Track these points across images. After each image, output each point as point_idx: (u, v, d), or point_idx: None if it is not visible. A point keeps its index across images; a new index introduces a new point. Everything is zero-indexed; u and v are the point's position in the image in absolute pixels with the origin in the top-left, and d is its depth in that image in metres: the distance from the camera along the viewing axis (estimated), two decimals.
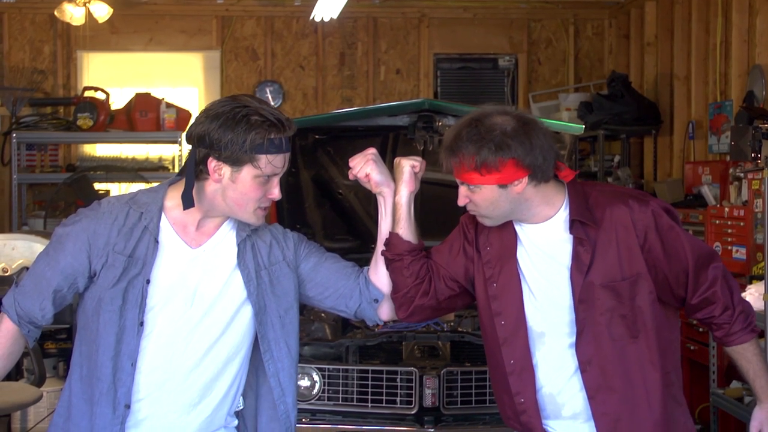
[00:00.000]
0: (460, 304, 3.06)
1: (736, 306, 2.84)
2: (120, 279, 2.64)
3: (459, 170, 2.76)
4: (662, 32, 8.33)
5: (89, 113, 8.38)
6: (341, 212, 5.55)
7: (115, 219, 2.68)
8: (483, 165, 2.69)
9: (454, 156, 2.74)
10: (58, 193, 8.27)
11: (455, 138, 2.74)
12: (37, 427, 6.01)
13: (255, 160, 2.61)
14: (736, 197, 6.19)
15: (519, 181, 2.72)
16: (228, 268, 2.76)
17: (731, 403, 5.14)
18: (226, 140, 2.59)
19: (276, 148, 2.63)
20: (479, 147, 2.68)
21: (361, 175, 2.92)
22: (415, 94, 9.31)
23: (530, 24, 9.51)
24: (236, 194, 2.65)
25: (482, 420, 4.56)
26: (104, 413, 2.65)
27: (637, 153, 8.81)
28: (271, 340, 2.80)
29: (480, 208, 2.79)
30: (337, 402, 4.60)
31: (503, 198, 2.75)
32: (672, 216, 2.82)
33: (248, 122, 2.59)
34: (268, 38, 9.32)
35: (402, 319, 3.02)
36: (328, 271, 2.92)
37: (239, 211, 2.69)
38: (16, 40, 9.09)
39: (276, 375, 2.81)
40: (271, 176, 2.66)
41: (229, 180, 2.64)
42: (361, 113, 5.29)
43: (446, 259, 2.98)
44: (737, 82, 6.90)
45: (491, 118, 2.72)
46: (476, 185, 2.74)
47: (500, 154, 2.68)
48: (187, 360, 2.70)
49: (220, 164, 2.62)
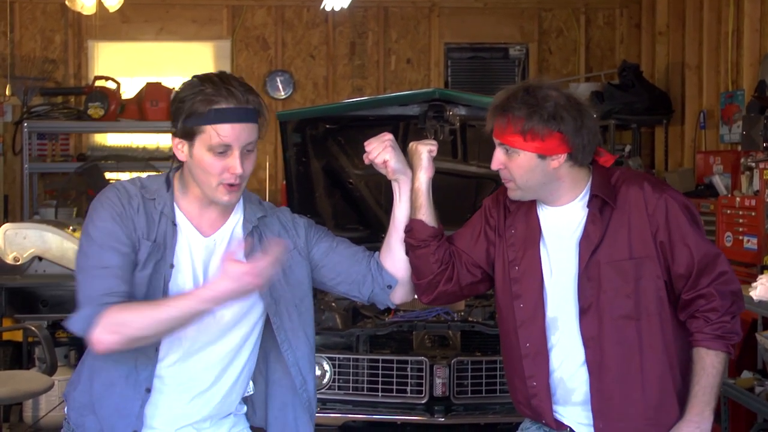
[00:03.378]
0: (482, 289, 3.06)
1: (726, 314, 2.75)
2: (145, 265, 2.62)
3: (503, 131, 2.75)
4: (674, 21, 8.30)
5: (100, 103, 8.40)
6: (352, 201, 5.55)
7: (138, 204, 2.65)
8: (530, 131, 2.69)
9: (503, 115, 2.74)
10: (69, 182, 8.29)
11: (508, 98, 2.74)
12: (48, 415, 6.02)
13: (202, 132, 2.57)
14: (748, 187, 6.17)
15: (558, 157, 2.73)
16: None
17: (742, 393, 5.13)
18: (179, 113, 2.58)
19: (221, 117, 2.56)
20: (531, 112, 2.69)
21: (379, 161, 2.89)
22: (426, 83, 9.29)
23: (541, 13, 9.48)
24: (197, 170, 2.62)
25: (492, 409, 4.57)
26: (125, 394, 2.65)
27: (648, 142, 8.79)
28: (288, 330, 2.79)
29: (514, 175, 2.78)
30: (348, 391, 4.61)
31: (539, 169, 2.75)
32: (687, 211, 2.78)
33: (194, 94, 2.57)
34: (278, 28, 9.31)
35: (424, 303, 3.04)
36: (339, 257, 2.91)
37: (205, 189, 2.64)
38: (27, 29, 9.10)
39: (296, 364, 2.81)
40: (227, 149, 2.59)
41: (188, 156, 2.62)
42: (372, 103, 5.29)
43: (468, 244, 2.98)
44: (749, 71, 6.88)
45: (547, 90, 2.73)
46: (516, 150, 2.73)
47: (550, 125, 2.69)
48: (200, 346, 2.70)
49: (181, 141, 2.62)
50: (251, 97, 2.62)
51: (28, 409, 6.13)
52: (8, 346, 6.34)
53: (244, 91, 2.61)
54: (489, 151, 2.88)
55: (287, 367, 2.81)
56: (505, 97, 2.76)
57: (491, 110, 2.79)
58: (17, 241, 6.32)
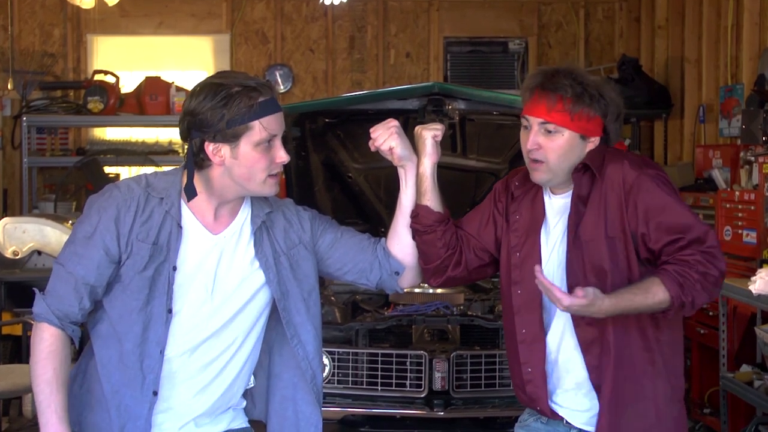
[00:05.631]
0: (489, 272, 3.08)
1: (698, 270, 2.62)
2: (146, 267, 2.62)
3: (550, 108, 2.75)
4: (673, 15, 8.29)
5: (99, 97, 8.39)
6: (351, 195, 5.56)
7: (137, 206, 2.64)
8: (579, 111, 2.73)
9: (552, 93, 2.74)
10: (68, 176, 8.30)
11: (553, 78, 2.75)
12: None
13: (249, 129, 2.59)
14: (747, 181, 6.17)
15: (595, 139, 2.78)
16: (247, 257, 2.75)
17: (741, 386, 5.14)
18: (215, 119, 2.57)
19: (265, 110, 2.61)
20: (581, 93, 2.73)
21: (385, 147, 2.90)
22: (425, 77, 9.28)
23: (540, 7, 9.47)
24: (242, 169, 2.63)
25: (492, 403, 4.58)
26: (134, 396, 2.65)
27: (648, 136, 8.78)
28: (297, 325, 2.80)
29: (549, 155, 2.78)
30: (347, 385, 4.61)
31: (577, 150, 2.77)
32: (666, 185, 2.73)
33: (230, 95, 2.58)
34: (277, 21, 9.30)
35: (432, 286, 3.06)
36: (345, 247, 2.92)
37: (250, 185, 2.66)
38: (26, 23, 9.09)
39: (306, 358, 2.81)
40: (272, 140, 2.64)
41: (231, 158, 2.62)
42: (371, 97, 5.28)
43: (477, 228, 3.00)
44: (748, 65, 6.87)
45: (588, 75, 2.78)
46: (561, 129, 2.75)
47: (595, 108, 2.74)
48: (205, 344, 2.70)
49: (218, 145, 2.61)
50: (273, 87, 2.68)
51: (28, 403, 6.15)
52: (8, 340, 6.36)
53: (266, 82, 2.67)
54: (488, 146, 2.89)
55: (298, 361, 2.81)
56: (548, 75, 2.77)
57: (531, 88, 2.79)
58: (16, 235, 6.32)
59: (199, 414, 2.75)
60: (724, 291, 5.30)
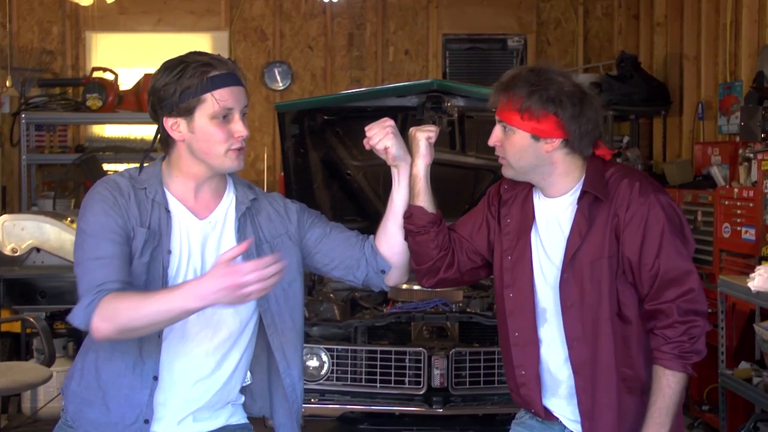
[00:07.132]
0: (483, 275, 3.09)
1: (684, 334, 2.66)
2: (143, 252, 2.63)
3: (503, 108, 2.78)
4: (672, 12, 8.29)
5: (98, 94, 8.38)
6: (350, 193, 5.56)
7: (128, 195, 2.67)
8: (527, 110, 2.72)
9: (505, 92, 2.77)
10: (67, 173, 8.29)
11: (513, 77, 2.77)
12: (47, 406, 6.03)
13: (202, 102, 2.61)
14: (746, 178, 6.17)
15: (552, 141, 2.74)
16: (232, 244, 2.74)
17: (740, 383, 5.14)
18: (169, 93, 2.62)
19: (218, 83, 2.62)
20: (531, 92, 2.71)
21: (380, 147, 2.91)
22: (424, 74, 9.28)
23: (539, 4, 9.46)
24: (201, 144, 2.65)
25: (490, 400, 4.59)
26: (134, 384, 2.65)
27: (647, 134, 8.78)
28: (275, 314, 2.80)
29: (507, 153, 2.80)
30: (346, 382, 4.62)
31: (531, 150, 2.76)
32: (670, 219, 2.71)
33: (184, 68, 2.61)
34: (276, 19, 9.30)
35: (425, 287, 3.06)
36: (333, 243, 2.92)
37: (211, 159, 2.66)
38: (25, 20, 9.08)
39: (281, 348, 2.81)
40: (228, 115, 2.64)
41: (188, 132, 2.64)
42: (370, 94, 5.29)
43: (470, 231, 3.00)
44: (747, 62, 6.86)
45: (554, 75, 2.75)
46: (512, 128, 2.76)
47: (547, 107, 2.71)
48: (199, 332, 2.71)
49: (176, 120, 2.64)
50: (232, 63, 2.68)
51: (27, 400, 6.15)
52: (7, 338, 6.36)
53: (225, 58, 2.68)
54: (487, 142, 2.89)
55: (272, 350, 2.80)
56: (511, 75, 2.79)
57: (495, 86, 2.82)
58: (15, 232, 6.31)
59: (197, 408, 2.75)
60: (722, 288, 5.31)
